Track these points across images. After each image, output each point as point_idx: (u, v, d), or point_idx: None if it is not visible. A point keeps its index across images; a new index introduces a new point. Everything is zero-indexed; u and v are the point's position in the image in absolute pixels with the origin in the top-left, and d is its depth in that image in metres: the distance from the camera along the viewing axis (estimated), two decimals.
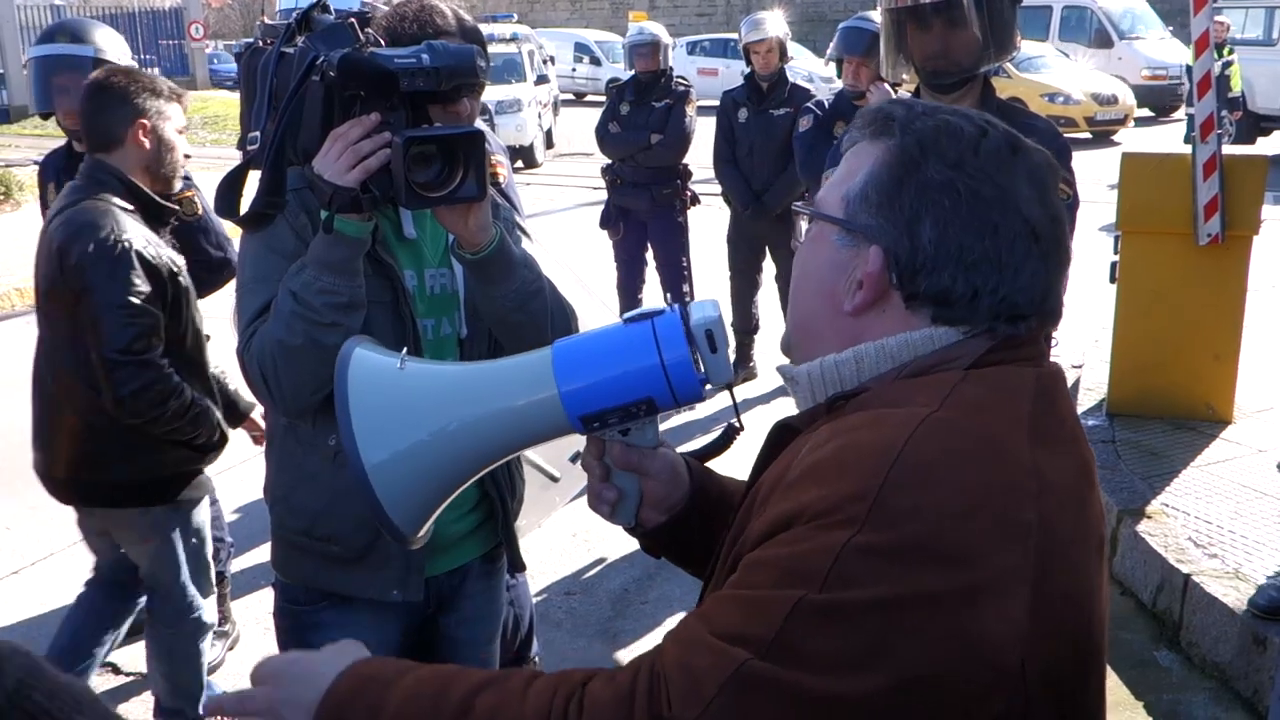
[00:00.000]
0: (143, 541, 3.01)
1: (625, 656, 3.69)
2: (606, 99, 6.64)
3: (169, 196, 2.93)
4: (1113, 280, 5.09)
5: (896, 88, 3.71)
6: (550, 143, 17.77)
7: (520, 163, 15.04)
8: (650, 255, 6.48)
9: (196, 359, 2.95)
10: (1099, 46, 21.10)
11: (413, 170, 1.74)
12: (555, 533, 4.42)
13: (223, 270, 3.38)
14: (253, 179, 1.86)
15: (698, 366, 1.20)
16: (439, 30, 1.92)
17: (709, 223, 8.07)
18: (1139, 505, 4.16)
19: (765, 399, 6.11)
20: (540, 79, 17.79)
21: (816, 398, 1.13)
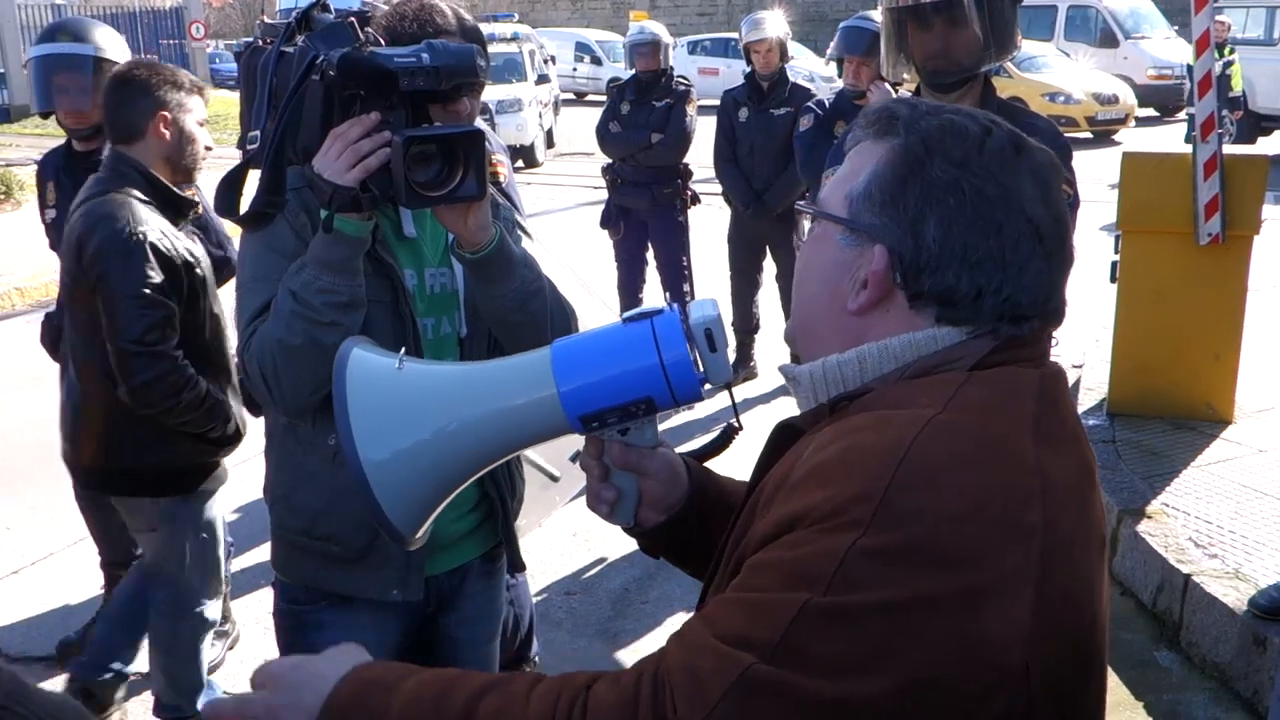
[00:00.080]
0: (149, 529, 3.05)
1: (626, 656, 3.68)
2: (607, 98, 6.64)
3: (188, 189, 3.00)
4: (1113, 280, 5.09)
5: (897, 87, 3.71)
6: (551, 142, 17.76)
7: (521, 162, 15.04)
8: (651, 255, 6.48)
9: (215, 351, 2.99)
10: (1104, 46, 20.96)
11: (412, 169, 1.74)
12: (555, 532, 4.41)
13: (223, 269, 3.39)
14: (252, 178, 1.86)
15: (697, 366, 1.20)
16: (439, 29, 1.92)
17: (709, 222, 8.06)
18: (1139, 505, 4.16)
19: (766, 399, 6.11)
20: (541, 78, 17.79)
21: (819, 398, 1.13)
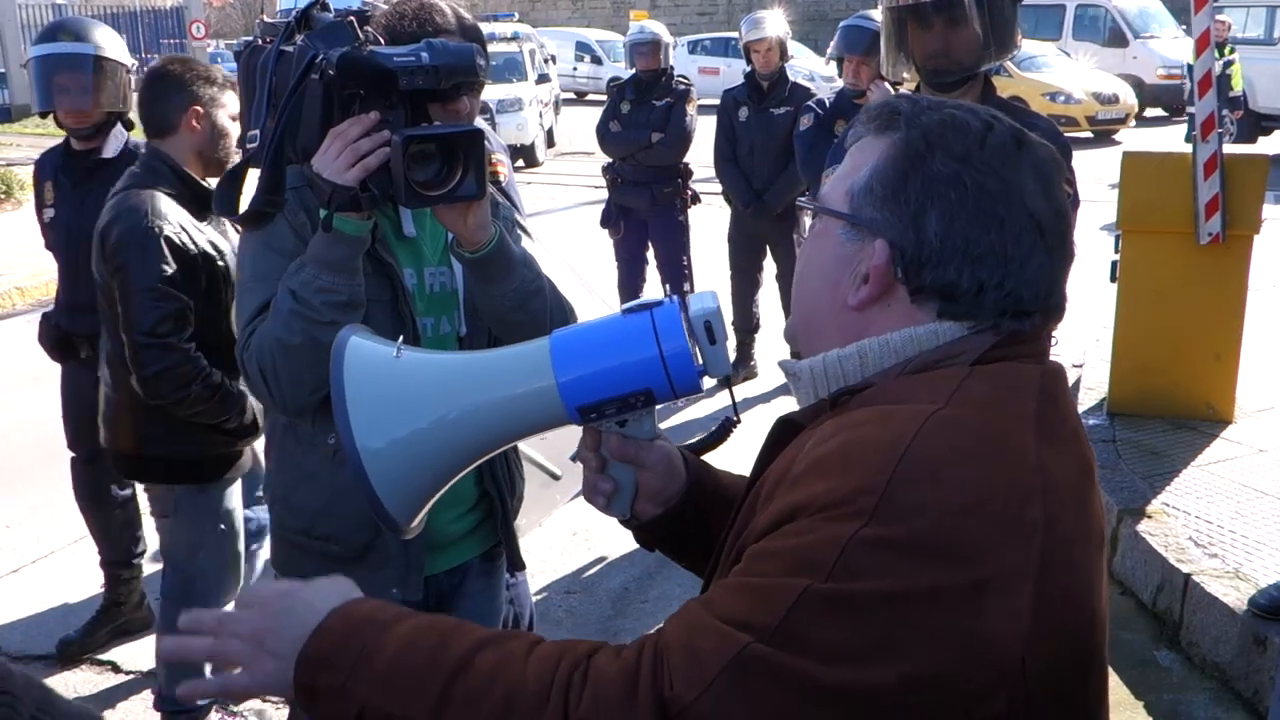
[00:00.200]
0: (163, 515, 3.09)
1: None
2: (607, 98, 6.64)
3: None
4: (1113, 279, 5.08)
5: (897, 86, 3.71)
6: (551, 142, 17.76)
7: (521, 162, 15.04)
8: (651, 254, 6.48)
9: (233, 342, 3.02)
10: (1113, 45, 20.75)
11: (412, 169, 1.74)
12: (555, 531, 4.41)
13: None
14: (252, 177, 1.86)
15: (696, 358, 1.19)
16: (438, 28, 1.92)
17: (710, 221, 8.06)
18: (1139, 505, 4.15)
19: (766, 398, 6.11)
20: (541, 78, 17.78)
21: (819, 393, 1.13)
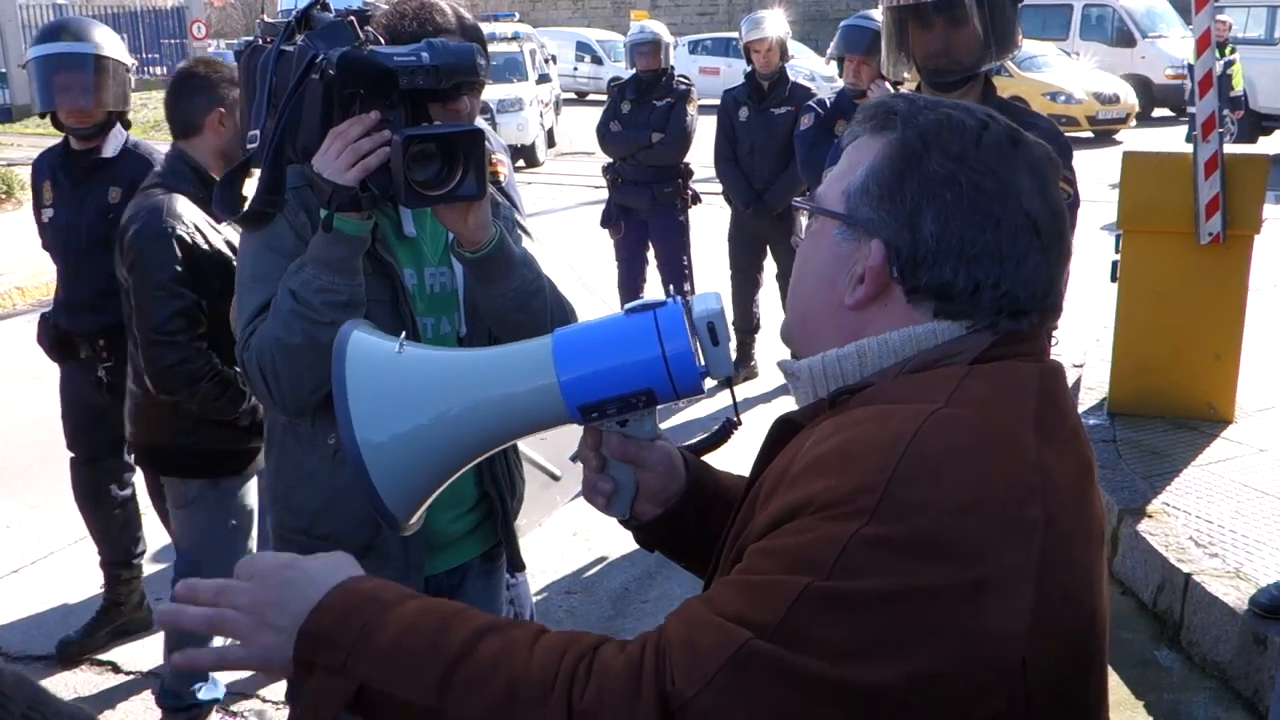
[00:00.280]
0: (175, 508, 3.15)
1: None
2: (608, 98, 6.64)
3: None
4: (1114, 279, 5.08)
5: (898, 86, 3.70)
6: (552, 142, 17.76)
7: (522, 162, 15.03)
8: (651, 254, 6.48)
9: None
10: (1121, 45, 20.55)
11: (412, 169, 1.74)
12: (556, 531, 4.41)
13: None
14: (252, 177, 1.86)
15: (699, 359, 1.19)
16: (439, 28, 1.92)
17: (710, 221, 8.06)
18: (1140, 505, 4.15)
19: (766, 398, 6.11)
20: (542, 78, 17.78)
21: (818, 393, 1.13)
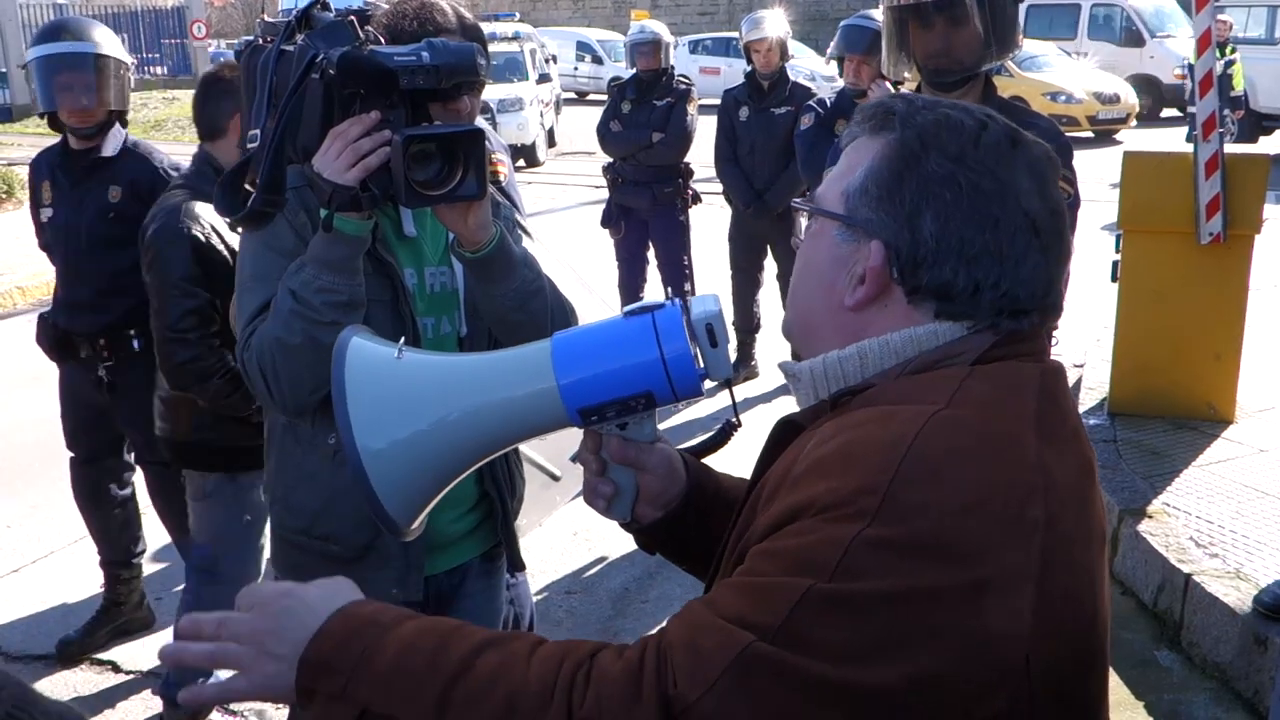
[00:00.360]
0: (193, 500, 3.23)
1: None
2: (608, 97, 6.64)
3: None
4: (1114, 279, 5.08)
5: (898, 85, 3.71)
6: (552, 141, 17.75)
7: (522, 161, 15.03)
8: (652, 254, 6.48)
9: None
10: (1130, 45, 20.38)
11: (412, 169, 1.73)
12: (556, 531, 4.41)
13: None
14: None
15: (698, 361, 1.19)
16: (439, 28, 1.91)
17: (710, 221, 8.06)
18: (1140, 505, 4.15)
19: (766, 398, 6.10)
20: (542, 77, 17.79)
21: (819, 394, 1.13)
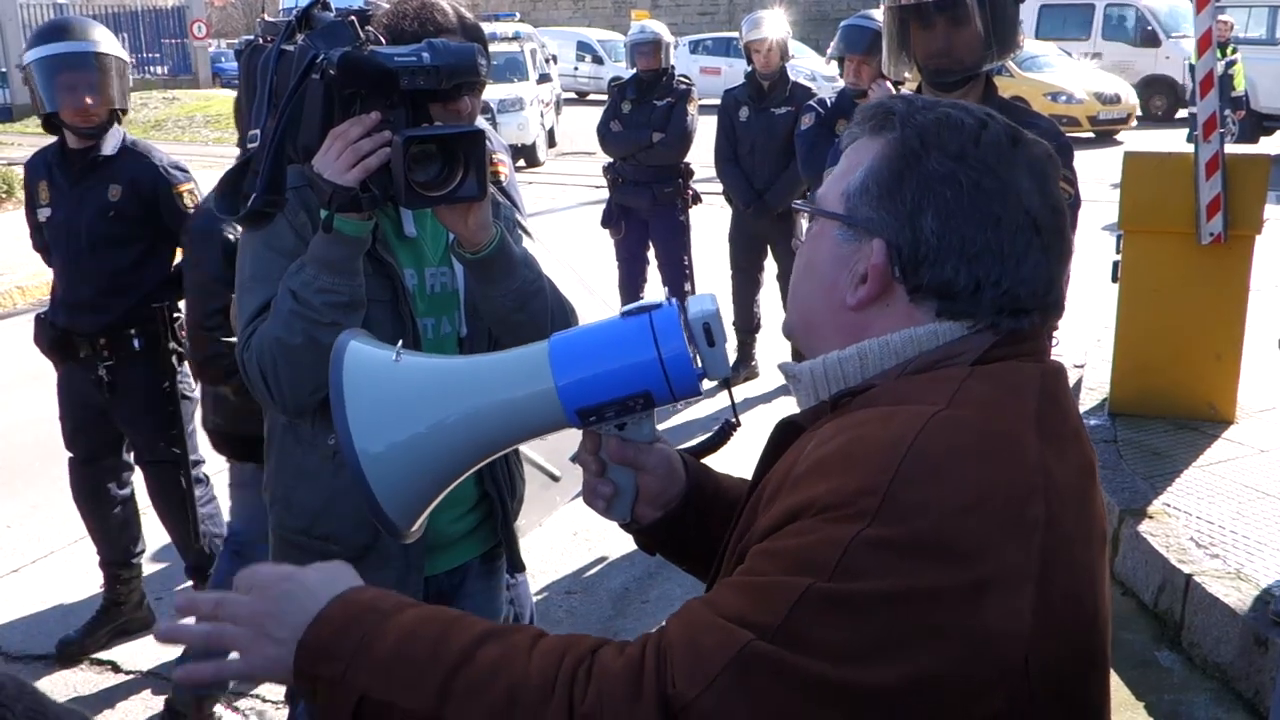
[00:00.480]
0: (232, 486, 3.40)
1: None
2: (608, 97, 6.64)
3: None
4: (1115, 280, 5.08)
5: (899, 86, 3.70)
6: (552, 141, 17.76)
7: (522, 161, 15.04)
8: (652, 254, 6.47)
9: None
10: (1145, 45, 20.21)
11: (413, 169, 1.73)
12: (556, 531, 4.41)
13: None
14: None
15: (695, 361, 1.19)
16: (440, 28, 1.91)
17: (711, 221, 8.06)
18: (1141, 505, 4.15)
19: (766, 398, 6.10)
20: (542, 78, 17.79)
21: (820, 395, 1.13)
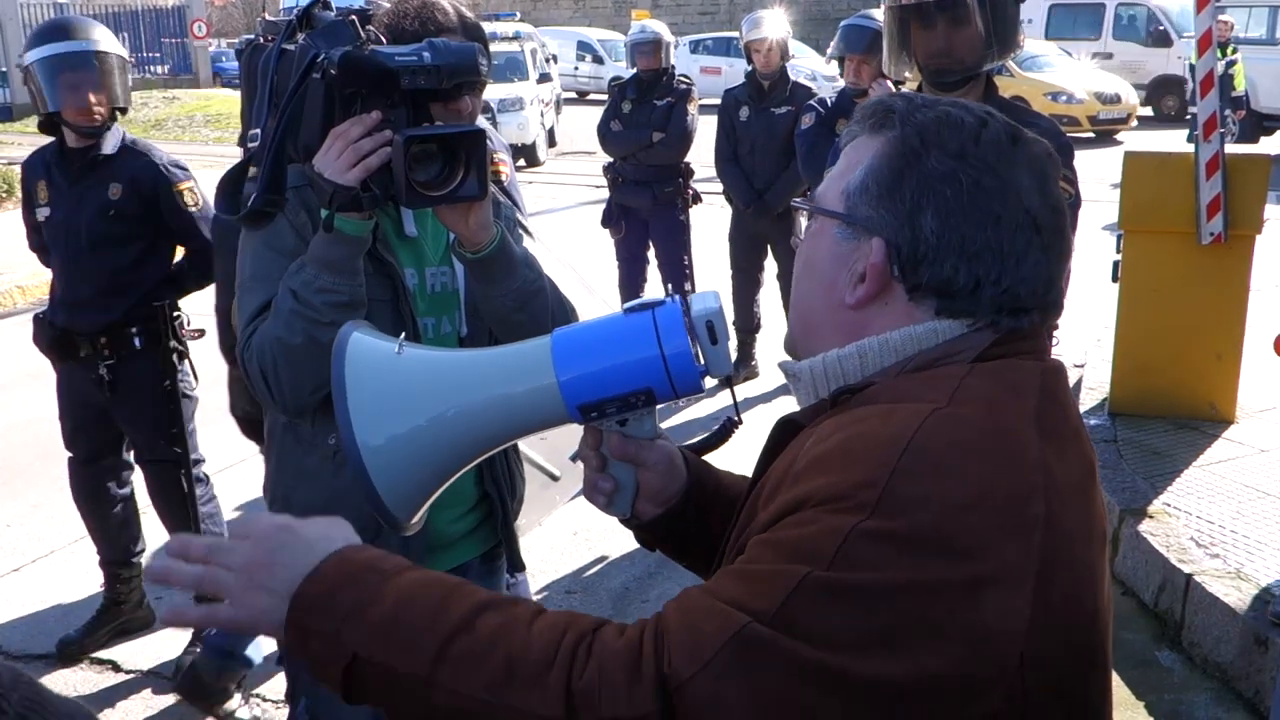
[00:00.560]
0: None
1: None
2: (609, 97, 6.64)
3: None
4: (1115, 279, 5.07)
5: (899, 85, 3.70)
6: (553, 141, 17.75)
7: (523, 161, 15.03)
8: (652, 253, 6.47)
9: None
10: (1157, 46, 20.05)
11: (413, 169, 1.73)
12: (556, 531, 4.41)
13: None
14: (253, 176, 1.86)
15: (698, 358, 1.19)
16: (440, 27, 1.91)
17: (711, 221, 8.06)
18: (1141, 505, 4.15)
19: (767, 398, 6.10)
20: (543, 77, 17.79)
21: (819, 393, 1.13)
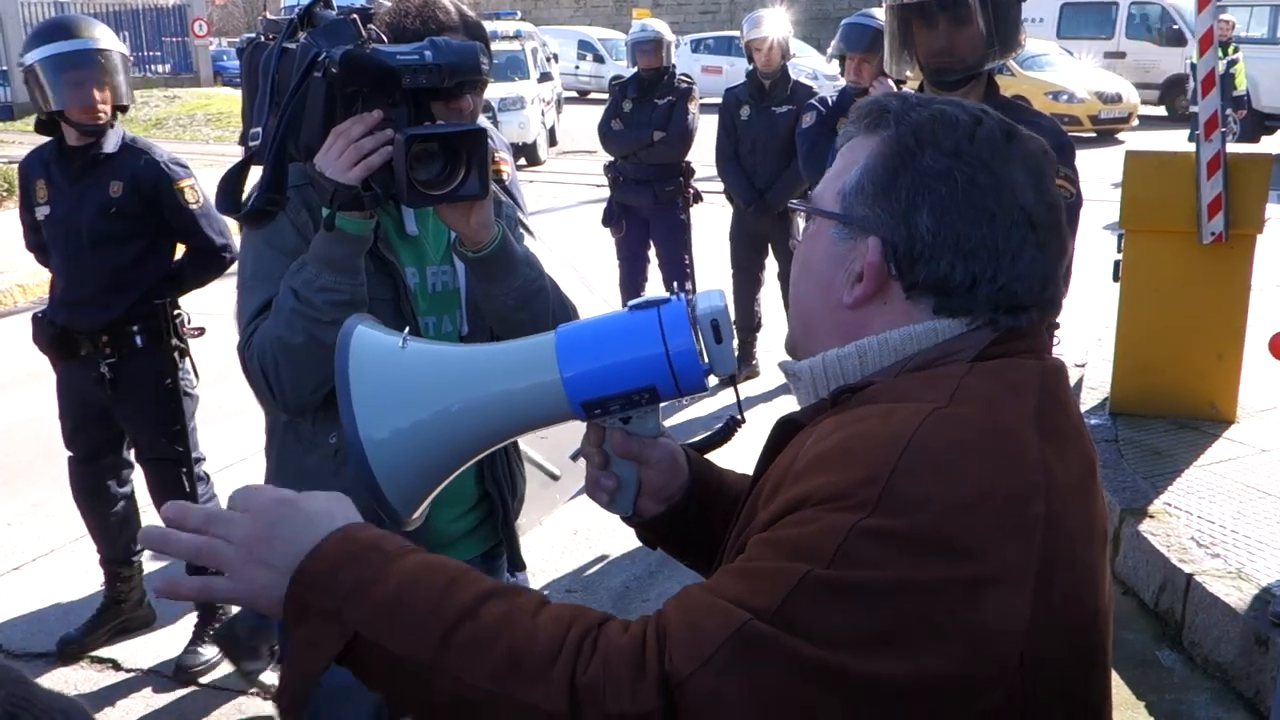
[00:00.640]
0: None
1: None
2: (609, 96, 6.64)
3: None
4: (1116, 279, 5.08)
5: (900, 84, 3.70)
6: (553, 140, 17.75)
7: (523, 160, 15.03)
8: (653, 253, 6.48)
9: None
10: (1170, 44, 19.88)
11: (415, 168, 1.73)
12: (556, 530, 4.41)
13: (224, 254, 3.61)
14: (254, 175, 1.86)
15: (702, 357, 1.19)
16: (442, 26, 1.91)
17: (711, 220, 8.06)
18: (1142, 505, 4.15)
19: (767, 397, 6.10)
20: (544, 76, 17.79)
21: (819, 393, 1.13)
